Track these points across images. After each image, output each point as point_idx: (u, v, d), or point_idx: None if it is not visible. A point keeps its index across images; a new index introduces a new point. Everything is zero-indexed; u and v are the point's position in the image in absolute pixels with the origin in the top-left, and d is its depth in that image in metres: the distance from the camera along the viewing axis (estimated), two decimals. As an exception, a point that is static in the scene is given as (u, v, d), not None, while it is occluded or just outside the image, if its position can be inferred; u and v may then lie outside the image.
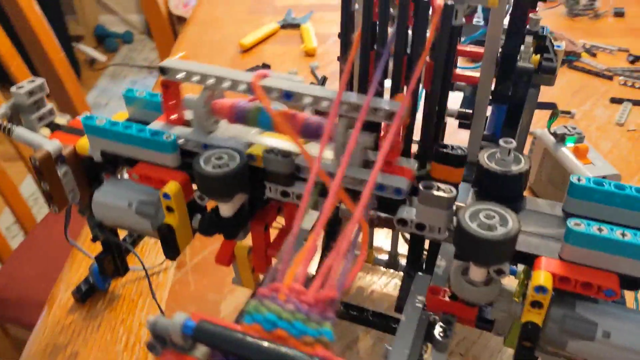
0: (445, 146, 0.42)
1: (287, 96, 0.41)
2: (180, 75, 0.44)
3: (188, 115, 0.47)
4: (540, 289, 0.34)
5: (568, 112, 0.90)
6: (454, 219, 0.36)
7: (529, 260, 0.36)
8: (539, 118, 0.77)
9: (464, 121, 0.56)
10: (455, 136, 0.77)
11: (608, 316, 0.35)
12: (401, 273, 0.63)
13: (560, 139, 0.67)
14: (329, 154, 0.41)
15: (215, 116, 0.45)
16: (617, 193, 0.37)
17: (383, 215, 0.40)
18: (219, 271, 0.65)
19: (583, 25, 1.20)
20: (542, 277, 0.34)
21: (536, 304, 0.34)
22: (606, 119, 0.90)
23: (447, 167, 0.41)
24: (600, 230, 0.34)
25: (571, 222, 0.34)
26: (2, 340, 1.08)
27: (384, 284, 0.62)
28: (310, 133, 0.42)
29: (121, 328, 0.58)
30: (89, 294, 0.62)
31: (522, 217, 0.37)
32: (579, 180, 0.38)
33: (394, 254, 0.54)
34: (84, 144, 0.47)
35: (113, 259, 0.60)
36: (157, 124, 0.46)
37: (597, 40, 1.12)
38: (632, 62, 1.06)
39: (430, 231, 0.38)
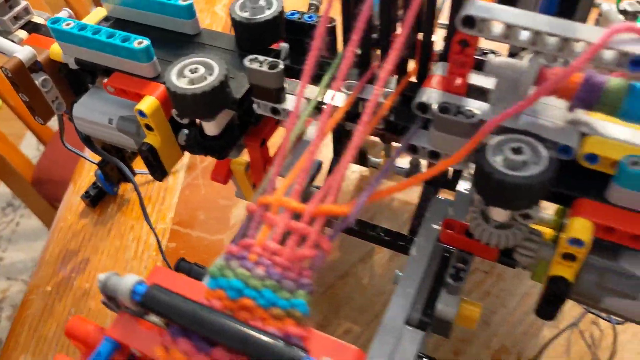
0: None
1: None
2: (497, 30, 0.27)
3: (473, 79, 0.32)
4: (576, 241, 0.27)
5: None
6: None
7: (568, 201, 0.29)
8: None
9: None
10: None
11: (659, 271, 0.29)
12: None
13: (632, 16, 0.56)
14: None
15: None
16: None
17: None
18: (231, 174, 0.61)
19: None
20: (580, 226, 0.27)
21: (569, 257, 0.28)
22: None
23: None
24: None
25: (628, 160, 0.26)
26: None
27: (406, 191, 0.56)
28: None
29: (130, 235, 0.56)
30: (99, 199, 0.59)
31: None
32: None
33: (415, 162, 0.48)
34: (56, 49, 0.41)
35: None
36: (433, 93, 0.31)
37: None
38: None
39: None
